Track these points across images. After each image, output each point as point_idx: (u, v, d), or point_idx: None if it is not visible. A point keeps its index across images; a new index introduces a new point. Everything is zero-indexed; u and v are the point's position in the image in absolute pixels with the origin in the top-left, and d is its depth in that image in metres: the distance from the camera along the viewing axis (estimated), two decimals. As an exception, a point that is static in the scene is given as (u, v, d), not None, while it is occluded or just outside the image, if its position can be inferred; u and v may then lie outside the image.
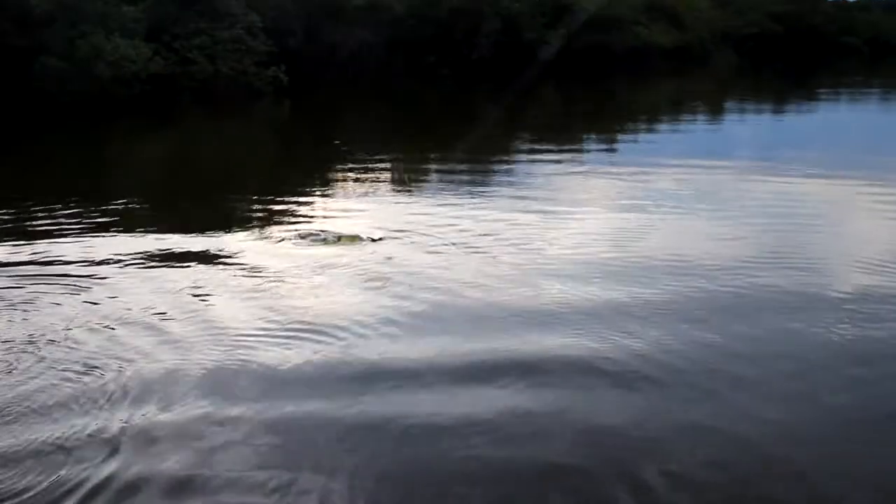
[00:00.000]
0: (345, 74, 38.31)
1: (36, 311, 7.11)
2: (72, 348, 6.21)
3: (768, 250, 8.78)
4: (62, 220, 11.07)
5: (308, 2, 36.96)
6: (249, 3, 33.55)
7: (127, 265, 8.62)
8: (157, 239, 9.92)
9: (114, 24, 28.74)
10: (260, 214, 11.76)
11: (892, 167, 14.65)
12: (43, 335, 6.48)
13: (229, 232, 10.27)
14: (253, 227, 10.70)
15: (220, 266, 8.57)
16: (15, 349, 6.21)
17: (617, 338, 6.24)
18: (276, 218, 11.36)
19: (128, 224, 10.93)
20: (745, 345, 6.17)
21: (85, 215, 11.38)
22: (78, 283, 7.90)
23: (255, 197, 13.26)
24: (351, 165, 16.33)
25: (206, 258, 8.88)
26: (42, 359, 6.00)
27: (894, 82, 41.98)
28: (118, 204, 12.45)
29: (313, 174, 16.22)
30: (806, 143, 19.19)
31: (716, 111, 28.75)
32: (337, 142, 20.55)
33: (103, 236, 10.13)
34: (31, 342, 6.35)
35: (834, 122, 24.83)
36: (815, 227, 10.01)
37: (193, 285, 7.81)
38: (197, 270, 8.40)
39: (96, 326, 6.69)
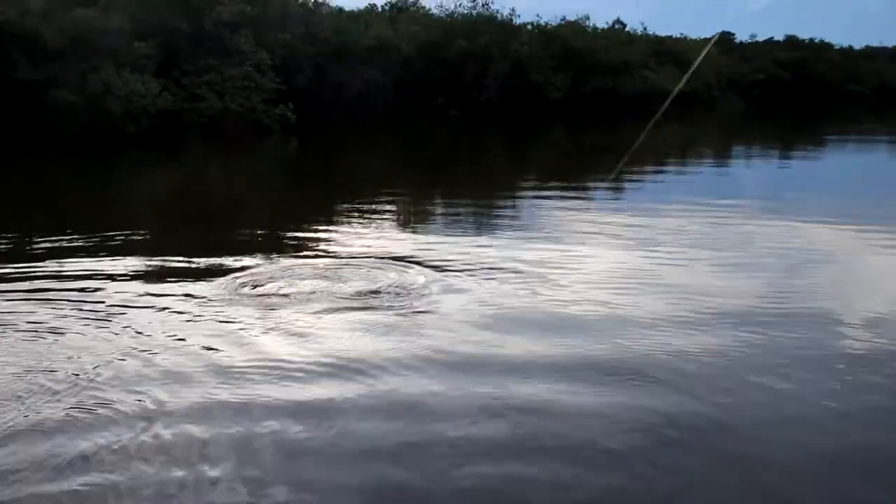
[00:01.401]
0: (353, 113, 38.49)
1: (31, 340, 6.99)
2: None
3: (772, 291, 8.67)
4: (64, 251, 10.97)
5: (317, 41, 37.28)
6: (259, 41, 33.82)
7: (130, 296, 8.48)
8: (160, 273, 9.77)
9: (125, 59, 28.95)
10: (265, 250, 11.61)
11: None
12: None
13: (231, 263, 10.11)
14: (257, 263, 10.54)
15: (209, 302, 8.39)
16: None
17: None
18: (284, 252, 11.21)
19: (130, 256, 10.79)
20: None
21: (88, 246, 11.27)
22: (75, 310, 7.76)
23: (260, 232, 13.14)
24: (357, 203, 16.25)
25: (201, 294, 8.72)
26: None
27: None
28: (121, 236, 12.31)
29: (318, 211, 16.10)
30: (813, 188, 19.05)
31: (722, 156, 28.70)
32: (340, 180, 20.53)
33: (106, 267, 9.99)
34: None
35: (842, 168, 24.74)
36: (819, 269, 9.84)
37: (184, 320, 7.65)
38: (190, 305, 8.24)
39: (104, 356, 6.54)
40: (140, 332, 7.24)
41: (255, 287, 8.87)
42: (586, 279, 9.22)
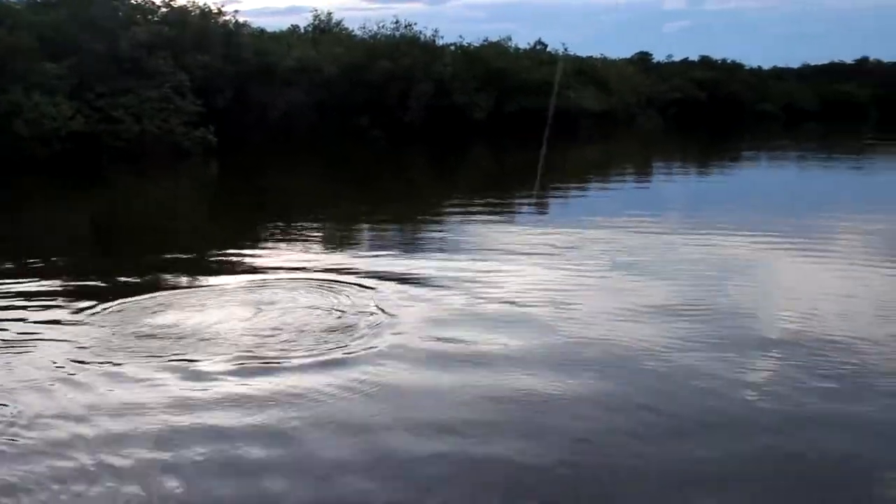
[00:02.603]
0: (275, 135, 37.95)
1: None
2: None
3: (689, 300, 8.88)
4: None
5: (238, 61, 36.67)
6: (178, 62, 33.08)
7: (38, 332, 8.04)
8: (67, 304, 9.33)
9: (35, 81, 27.92)
10: (183, 276, 11.23)
11: (803, 222, 14.97)
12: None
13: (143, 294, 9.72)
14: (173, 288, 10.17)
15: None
16: None
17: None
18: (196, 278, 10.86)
19: (40, 283, 10.27)
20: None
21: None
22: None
23: (178, 256, 12.72)
24: (277, 225, 15.95)
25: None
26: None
27: (812, 147, 43.60)
28: (30, 263, 11.73)
29: (237, 233, 15.71)
30: (727, 201, 19.55)
31: (643, 172, 29.31)
32: (260, 201, 20.15)
33: (10, 295, 9.48)
34: None
35: (754, 183, 25.57)
36: (736, 277, 10.05)
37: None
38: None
39: None
40: (38, 371, 6.81)
41: (165, 320, 8.36)
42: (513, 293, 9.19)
